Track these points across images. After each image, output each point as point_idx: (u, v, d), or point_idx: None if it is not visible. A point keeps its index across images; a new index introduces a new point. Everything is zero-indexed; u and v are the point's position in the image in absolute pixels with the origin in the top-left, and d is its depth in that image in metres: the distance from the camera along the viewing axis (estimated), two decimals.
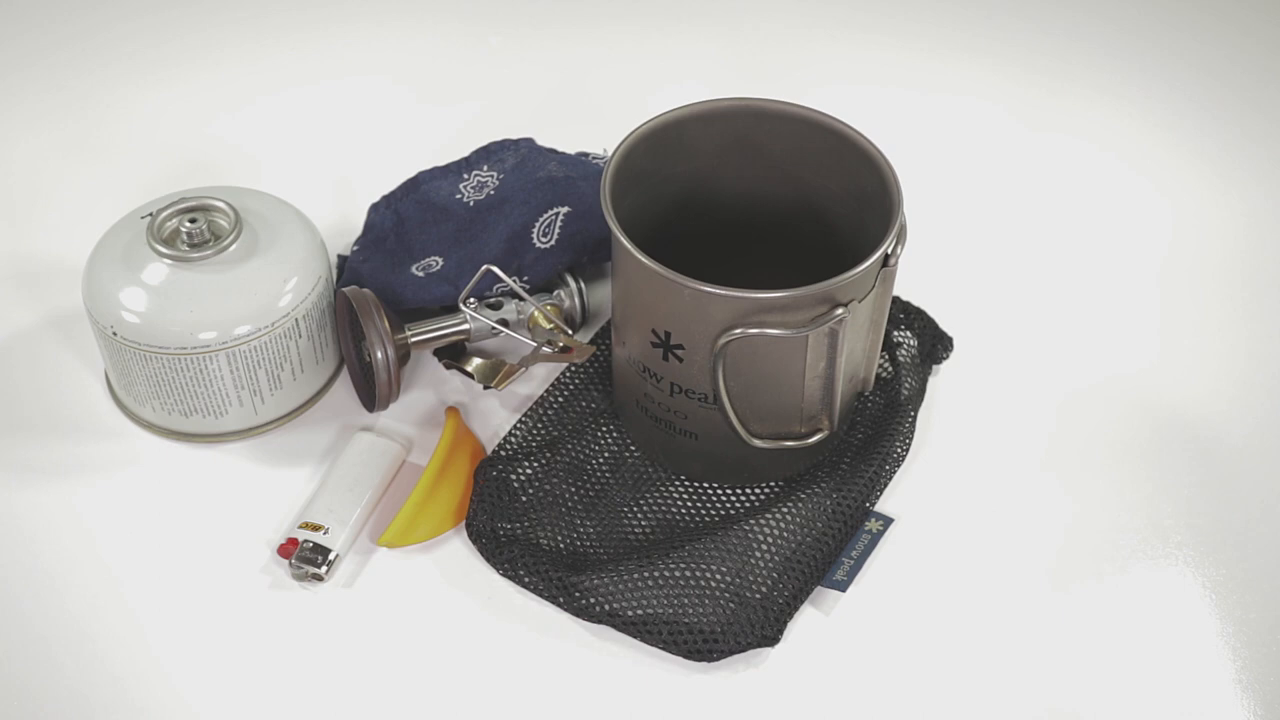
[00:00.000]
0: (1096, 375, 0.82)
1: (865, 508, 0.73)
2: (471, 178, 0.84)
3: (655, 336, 0.68)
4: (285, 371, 0.75)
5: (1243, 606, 0.70)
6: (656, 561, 0.69)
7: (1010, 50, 1.07)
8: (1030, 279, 0.88)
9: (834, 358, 0.68)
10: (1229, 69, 1.06)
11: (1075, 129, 1.00)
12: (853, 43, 1.08)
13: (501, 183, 0.83)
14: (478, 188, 0.83)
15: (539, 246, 0.79)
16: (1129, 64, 1.06)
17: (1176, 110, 1.02)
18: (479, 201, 0.83)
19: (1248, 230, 0.92)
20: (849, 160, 0.71)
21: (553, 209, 0.80)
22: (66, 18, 1.08)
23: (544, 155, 0.84)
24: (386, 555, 0.71)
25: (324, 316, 0.76)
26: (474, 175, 0.84)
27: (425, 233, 0.83)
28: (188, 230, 0.73)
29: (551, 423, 0.77)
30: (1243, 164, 0.97)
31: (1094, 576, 0.71)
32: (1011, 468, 0.76)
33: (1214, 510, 0.74)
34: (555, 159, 0.84)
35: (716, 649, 0.66)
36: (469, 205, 0.83)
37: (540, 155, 0.84)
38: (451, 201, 0.83)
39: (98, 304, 0.73)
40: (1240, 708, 0.66)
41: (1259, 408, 0.80)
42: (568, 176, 0.81)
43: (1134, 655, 0.68)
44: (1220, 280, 0.88)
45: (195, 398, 0.74)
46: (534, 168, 0.82)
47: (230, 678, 0.66)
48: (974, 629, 0.69)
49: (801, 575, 0.69)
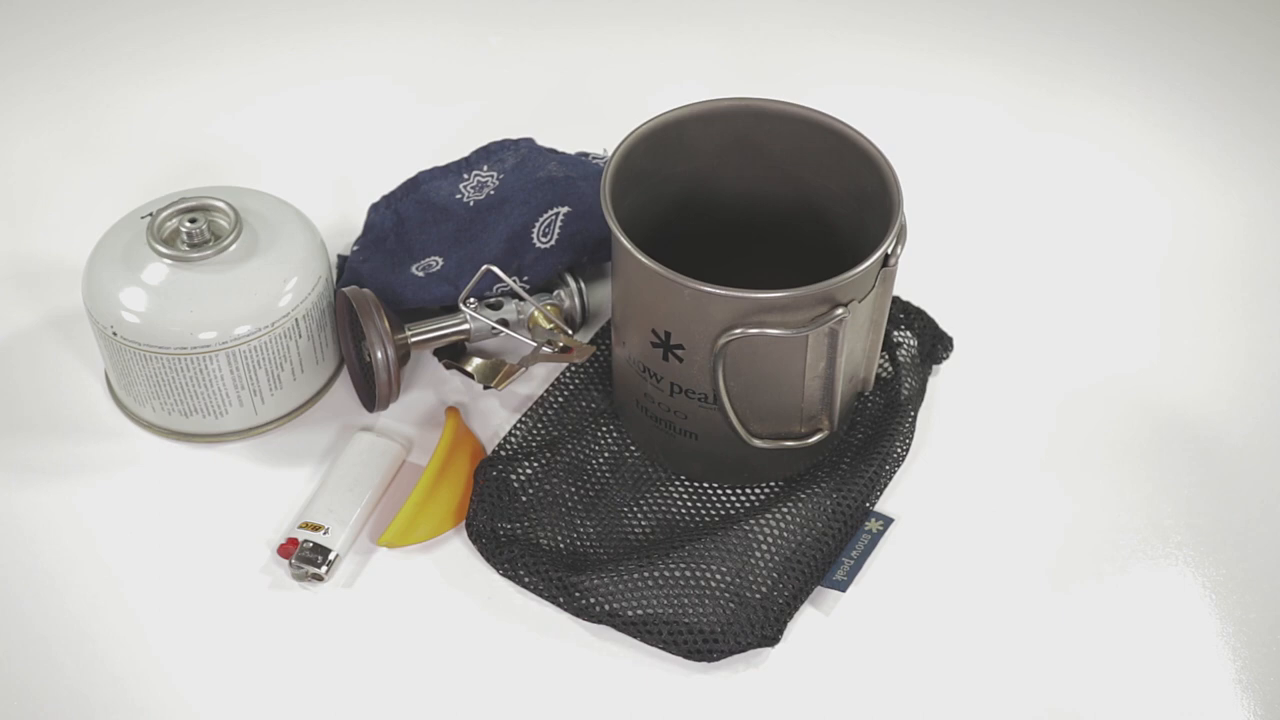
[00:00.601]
0: (1096, 375, 0.82)
1: (865, 508, 0.73)
2: (471, 178, 0.84)
3: (655, 336, 0.68)
4: (285, 372, 0.75)
5: (1243, 606, 0.70)
6: (656, 561, 0.69)
7: (1010, 50, 1.07)
8: (1030, 279, 0.88)
9: (834, 358, 0.68)
10: (1229, 69, 1.06)
11: (1075, 129, 1.00)
12: (853, 43, 1.08)
13: (501, 183, 0.83)
14: (478, 188, 0.83)
15: (539, 246, 0.79)
16: (1129, 64, 1.06)
17: (1177, 110, 1.02)
18: (479, 201, 0.83)
19: (1248, 230, 0.92)
20: (849, 160, 0.71)
21: (553, 209, 0.80)
22: (66, 18, 1.08)
23: (544, 155, 0.84)
24: (386, 555, 0.71)
25: (324, 316, 0.76)
26: (474, 175, 0.84)
27: (425, 233, 0.83)
28: (188, 230, 0.73)
29: (551, 423, 0.77)
30: (1243, 164, 0.97)
31: (1094, 576, 0.71)
32: (1011, 468, 0.76)
33: (1214, 510, 0.74)
34: (555, 159, 0.84)
35: (716, 649, 0.66)
36: (469, 205, 0.83)
37: (540, 155, 0.84)
38: (451, 201, 0.83)
39: (98, 304, 0.72)
40: (1240, 708, 0.66)
41: (1259, 408, 0.80)
42: (568, 176, 0.80)
43: (1134, 655, 0.68)
44: (1220, 280, 0.88)
45: (195, 398, 0.74)
46: (534, 168, 0.82)
47: (230, 678, 0.66)
48: (974, 629, 0.69)
49: (801, 575, 0.69)
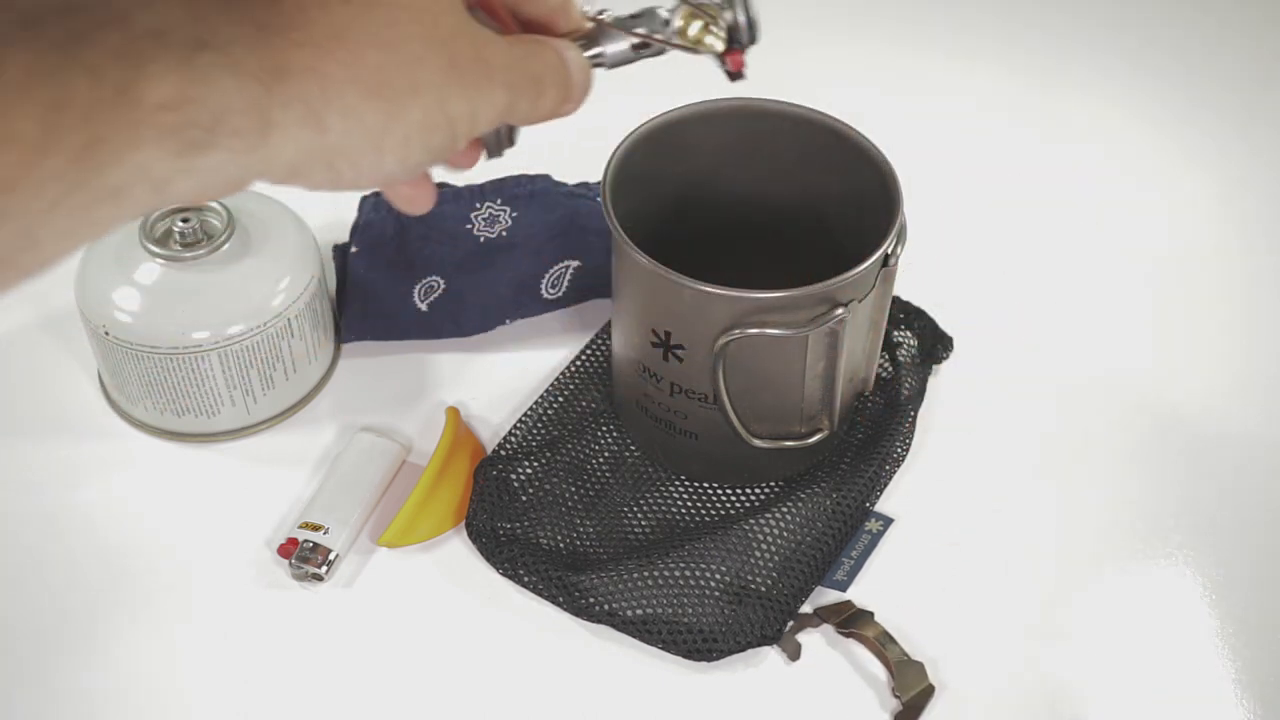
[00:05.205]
0: (1097, 375, 0.82)
1: (865, 508, 0.73)
2: (484, 209, 0.82)
3: (655, 336, 0.67)
4: (278, 371, 0.75)
5: (1243, 606, 0.70)
6: (656, 561, 0.69)
7: (1011, 50, 1.07)
8: (1030, 279, 0.88)
9: (834, 358, 0.67)
10: (1229, 69, 1.06)
11: (1075, 129, 1.01)
12: (853, 43, 1.08)
13: (515, 223, 0.81)
14: (489, 221, 0.82)
15: (546, 298, 0.81)
16: (1129, 64, 1.07)
17: (1177, 110, 1.02)
18: (490, 239, 0.81)
19: (1248, 230, 0.92)
20: (849, 160, 0.71)
21: (563, 262, 0.80)
22: None
23: (558, 198, 0.82)
24: (386, 555, 0.71)
25: (317, 316, 0.76)
26: (486, 207, 0.82)
27: (428, 249, 0.82)
28: (180, 230, 0.72)
29: (551, 423, 0.77)
30: (1243, 164, 0.98)
31: (1094, 576, 0.71)
32: (1011, 468, 0.76)
33: (1214, 510, 0.74)
34: (567, 206, 0.82)
35: (716, 649, 0.66)
36: (478, 239, 0.81)
37: (554, 198, 0.82)
38: (460, 229, 0.82)
39: (90, 304, 0.72)
40: (1240, 708, 0.66)
41: (1259, 408, 0.80)
42: (580, 228, 0.80)
43: (1134, 655, 0.68)
44: (1221, 280, 0.89)
45: (187, 397, 0.74)
46: (546, 210, 0.81)
47: (230, 678, 0.66)
48: (974, 629, 0.69)
49: (801, 575, 0.69)
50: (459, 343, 0.82)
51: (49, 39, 0.33)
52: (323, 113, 0.40)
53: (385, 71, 0.41)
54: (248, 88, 0.37)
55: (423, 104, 0.42)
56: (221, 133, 0.37)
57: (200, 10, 0.37)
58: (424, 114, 0.42)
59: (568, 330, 0.83)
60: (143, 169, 0.36)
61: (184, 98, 0.36)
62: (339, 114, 0.40)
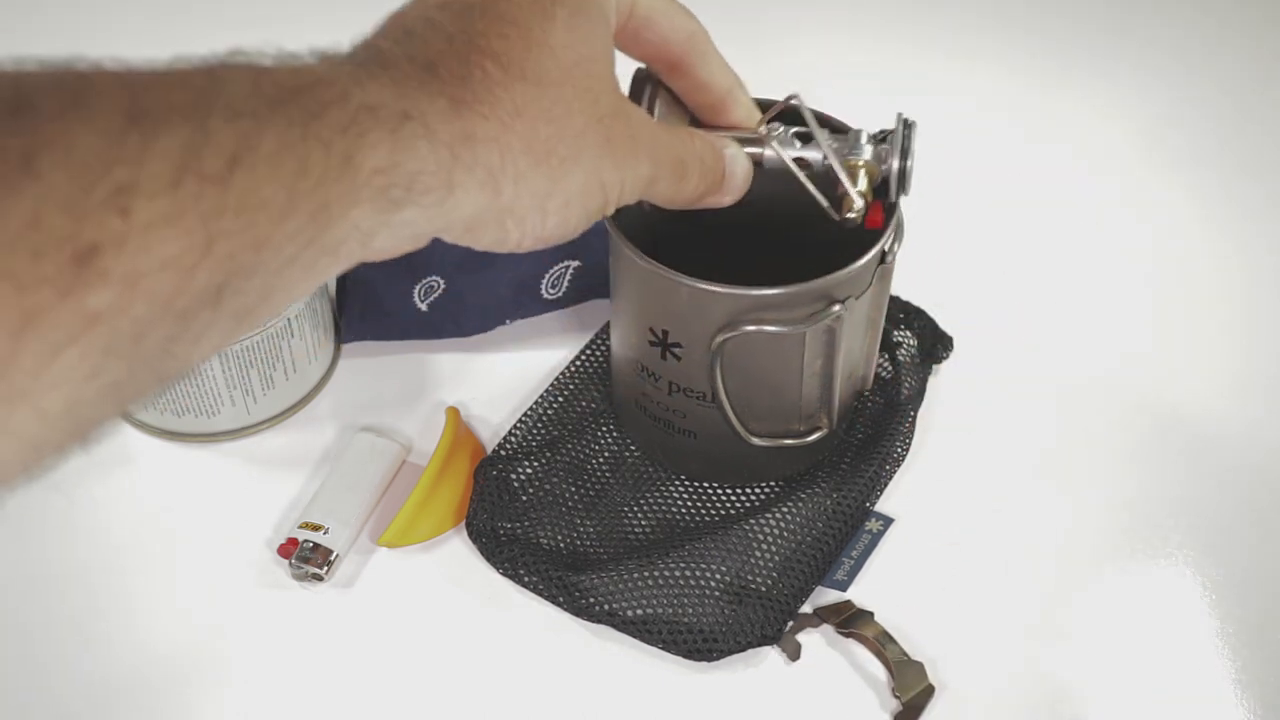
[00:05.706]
0: (1097, 375, 0.82)
1: (865, 508, 0.73)
2: None
3: (653, 335, 0.68)
4: (278, 371, 0.75)
5: (1243, 606, 0.70)
6: (656, 561, 0.69)
7: (1011, 50, 1.07)
8: (1030, 279, 0.88)
9: (832, 355, 0.67)
10: (1230, 69, 1.06)
11: (1076, 128, 1.00)
12: (852, 43, 1.08)
13: None
14: None
15: (546, 298, 0.81)
16: (1130, 64, 1.07)
17: (1178, 110, 1.02)
18: None
19: (1249, 230, 0.92)
20: None
21: (563, 262, 0.81)
22: (61, 16, 1.08)
23: None
24: (386, 555, 0.71)
25: (317, 316, 0.76)
26: None
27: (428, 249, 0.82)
28: None
29: (551, 423, 0.77)
30: (1243, 164, 0.97)
31: (1094, 576, 0.71)
32: (1011, 468, 0.76)
33: (1214, 510, 0.74)
34: None
35: (716, 649, 0.66)
36: None
37: None
38: None
39: None
40: (1240, 708, 0.66)
41: (1259, 408, 0.80)
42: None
43: (1134, 655, 0.68)
44: (1221, 280, 0.89)
45: (187, 397, 0.74)
46: None
47: (230, 678, 0.66)
48: (974, 629, 0.69)
49: (801, 575, 0.69)
50: (459, 343, 0.82)
51: (289, 116, 0.37)
52: (499, 177, 0.45)
53: (552, 143, 0.46)
54: (439, 152, 0.43)
55: (582, 172, 0.48)
56: (416, 190, 0.42)
57: (404, 88, 0.42)
58: (583, 181, 0.48)
59: (567, 330, 0.83)
60: (356, 225, 0.40)
61: (392, 163, 0.41)
62: (511, 179, 0.45)
